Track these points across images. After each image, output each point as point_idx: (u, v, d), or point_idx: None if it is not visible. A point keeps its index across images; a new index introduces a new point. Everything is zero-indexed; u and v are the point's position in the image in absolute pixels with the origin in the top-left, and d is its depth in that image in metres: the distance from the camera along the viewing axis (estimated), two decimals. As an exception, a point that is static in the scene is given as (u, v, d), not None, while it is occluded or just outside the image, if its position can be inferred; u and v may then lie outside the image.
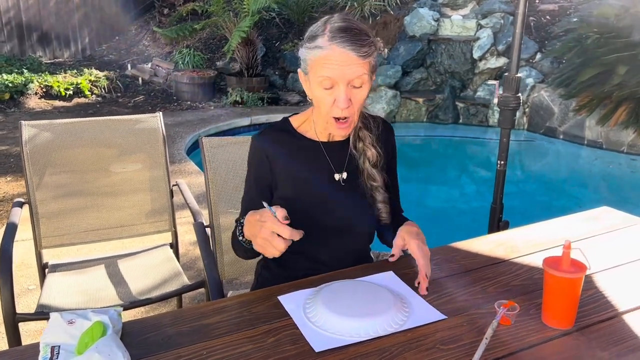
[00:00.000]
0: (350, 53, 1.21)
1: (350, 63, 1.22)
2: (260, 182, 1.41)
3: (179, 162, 4.84)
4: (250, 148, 1.43)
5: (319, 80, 1.25)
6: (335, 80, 1.23)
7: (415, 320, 1.14)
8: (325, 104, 1.27)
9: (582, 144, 6.02)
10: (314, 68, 1.26)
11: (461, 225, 4.28)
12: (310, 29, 1.30)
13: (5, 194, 4.09)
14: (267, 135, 1.41)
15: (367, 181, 1.40)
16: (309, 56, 1.27)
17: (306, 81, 1.32)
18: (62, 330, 1.02)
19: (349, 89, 1.25)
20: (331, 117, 1.29)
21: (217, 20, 7.54)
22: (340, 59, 1.21)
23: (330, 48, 1.22)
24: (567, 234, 1.60)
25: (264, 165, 1.39)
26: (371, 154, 1.40)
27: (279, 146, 1.39)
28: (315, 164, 1.40)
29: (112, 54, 9.22)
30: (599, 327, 1.12)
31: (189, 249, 3.11)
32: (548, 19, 7.25)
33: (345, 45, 1.21)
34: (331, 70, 1.22)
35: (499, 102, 2.51)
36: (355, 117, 1.31)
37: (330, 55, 1.22)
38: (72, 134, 2.13)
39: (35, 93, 6.92)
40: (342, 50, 1.21)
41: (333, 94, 1.25)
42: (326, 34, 1.23)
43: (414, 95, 6.93)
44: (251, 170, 1.43)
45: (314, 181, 1.39)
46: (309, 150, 1.40)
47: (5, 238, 1.81)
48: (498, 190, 2.58)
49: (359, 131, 1.41)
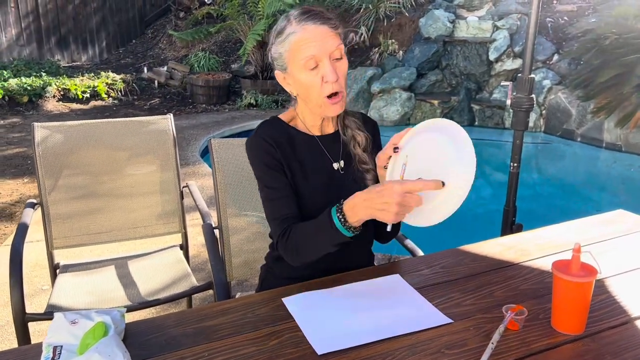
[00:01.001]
0: (323, 27, 1.26)
1: (326, 36, 1.26)
2: (277, 167, 1.34)
3: (193, 164, 4.86)
4: (252, 145, 1.37)
5: (303, 63, 1.27)
6: (319, 57, 1.26)
7: (421, 323, 1.12)
8: (315, 85, 1.28)
9: (601, 146, 5.91)
10: (293, 55, 1.28)
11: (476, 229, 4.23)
12: (274, 28, 1.34)
13: (22, 195, 4.15)
14: (264, 130, 1.38)
15: (358, 165, 1.41)
16: (283, 49, 1.30)
17: (286, 79, 1.35)
18: (65, 330, 1.02)
19: (332, 62, 1.27)
20: (323, 97, 1.29)
21: (232, 24, 7.58)
22: (315, 34, 1.25)
23: (303, 29, 1.26)
24: (580, 237, 1.57)
25: (272, 151, 1.33)
26: (360, 138, 1.42)
27: (279, 138, 1.37)
28: (314, 155, 1.40)
29: (128, 57, 9.32)
30: (611, 333, 1.09)
31: (200, 251, 3.11)
32: (566, 20, 7.15)
33: (315, 22, 1.26)
34: (311, 48, 1.25)
35: (512, 103, 2.48)
36: (344, 92, 1.32)
37: (305, 35, 1.26)
38: (84, 136, 2.14)
39: (53, 96, 7.02)
40: (315, 26, 1.26)
41: (319, 72, 1.27)
42: (292, 21, 1.28)
43: (429, 97, 6.88)
44: (262, 161, 1.34)
45: (316, 171, 1.39)
46: (306, 143, 1.40)
47: (17, 238, 1.83)
48: (511, 192, 2.54)
49: (344, 119, 1.43)
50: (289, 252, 1.30)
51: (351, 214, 1.16)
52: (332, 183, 1.40)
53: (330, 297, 1.20)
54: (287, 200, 1.33)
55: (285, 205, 1.33)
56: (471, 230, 4.20)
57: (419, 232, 1.52)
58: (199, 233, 3.18)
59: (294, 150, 1.38)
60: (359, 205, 1.14)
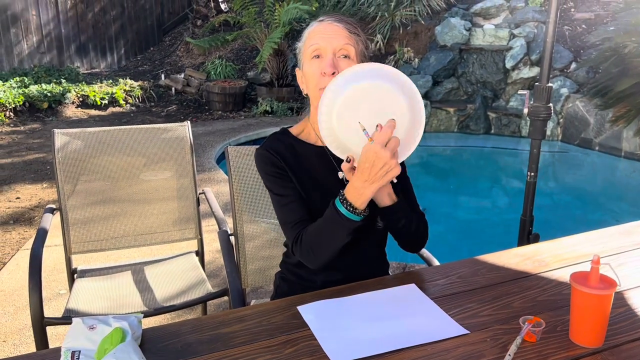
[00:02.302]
0: (338, 25, 1.31)
1: (337, 33, 1.30)
2: (284, 176, 1.35)
3: (209, 171, 4.90)
4: (259, 157, 1.38)
5: (309, 52, 1.32)
6: (324, 48, 1.29)
7: (437, 334, 1.11)
8: (314, 75, 1.31)
9: (619, 155, 5.84)
10: (305, 46, 1.34)
11: (493, 238, 4.19)
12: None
13: (41, 200, 4.21)
14: (272, 142, 1.40)
15: None
16: (300, 44, 1.36)
17: (302, 76, 1.39)
18: (83, 336, 1.03)
19: (335, 58, 1.29)
20: (319, 89, 1.30)
21: (249, 31, 7.64)
22: (327, 29, 1.31)
23: (319, 23, 1.33)
24: (598, 248, 1.55)
25: (278, 163, 1.36)
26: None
27: (285, 150, 1.39)
28: (321, 166, 1.40)
29: (146, 64, 9.44)
30: (630, 347, 1.07)
31: (215, 257, 3.13)
32: (584, 28, 7.10)
33: (332, 21, 1.32)
34: (319, 39, 1.30)
35: (529, 112, 2.46)
36: None
37: (319, 28, 1.32)
38: (102, 142, 2.17)
39: (72, 102, 7.12)
40: (329, 23, 1.31)
41: (320, 64, 1.30)
42: (315, 22, 1.35)
43: (444, 105, 6.86)
44: (269, 172, 1.37)
45: (322, 181, 1.39)
46: (312, 154, 1.40)
47: (36, 243, 1.86)
48: (528, 202, 2.52)
49: None
50: (304, 254, 1.31)
51: (355, 199, 1.21)
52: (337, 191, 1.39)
53: (346, 306, 1.20)
54: (296, 205, 1.34)
55: (295, 210, 1.34)
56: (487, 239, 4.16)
57: (435, 242, 1.51)
58: (214, 239, 3.20)
59: (298, 162, 1.38)
60: (360, 187, 1.19)
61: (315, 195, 1.37)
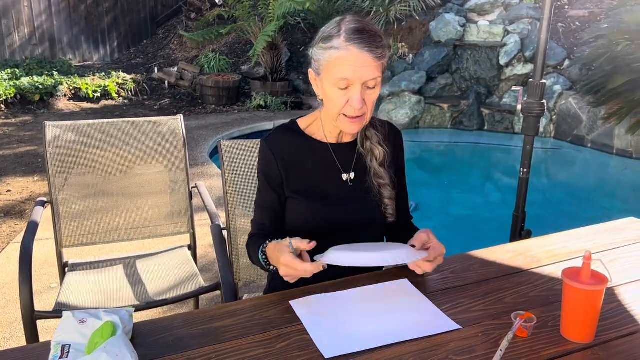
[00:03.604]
0: (367, 55, 1.23)
1: (367, 65, 1.23)
2: (272, 181, 1.41)
3: (202, 165, 4.88)
4: (260, 150, 1.44)
5: (335, 82, 1.26)
6: (352, 81, 1.25)
7: (429, 329, 1.11)
8: (339, 103, 1.28)
9: (611, 153, 5.87)
10: (329, 69, 1.27)
11: (485, 234, 4.21)
12: (323, 29, 1.31)
13: (32, 193, 4.18)
14: (276, 136, 1.43)
15: (374, 179, 1.41)
16: (323, 57, 1.28)
17: (317, 81, 1.34)
18: (74, 329, 1.03)
19: (363, 89, 1.26)
20: (342, 114, 1.30)
21: (243, 25, 7.61)
22: (356, 60, 1.23)
23: (347, 49, 1.23)
24: (589, 244, 1.55)
25: (273, 165, 1.39)
26: (378, 152, 1.41)
27: (288, 147, 1.40)
28: (324, 164, 1.40)
29: (139, 57, 9.37)
30: (620, 342, 1.08)
31: (208, 251, 3.12)
32: (577, 25, 7.11)
33: (362, 47, 1.22)
34: (348, 72, 1.24)
35: (522, 108, 2.46)
36: (368, 116, 1.32)
37: (347, 56, 1.23)
38: (94, 135, 2.16)
39: (64, 95, 7.07)
40: (359, 52, 1.22)
41: (347, 94, 1.27)
42: (342, 35, 1.24)
43: (438, 101, 6.87)
44: (261, 170, 1.43)
45: (322, 182, 1.40)
46: (317, 151, 1.41)
47: (26, 236, 1.84)
48: (521, 198, 2.52)
49: (366, 130, 1.42)
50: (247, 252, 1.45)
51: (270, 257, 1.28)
52: (338, 193, 1.40)
53: (338, 301, 1.20)
54: (268, 213, 1.43)
55: (265, 216, 1.44)
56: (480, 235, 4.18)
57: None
58: (207, 234, 3.18)
59: (302, 158, 1.39)
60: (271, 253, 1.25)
61: (315, 193, 1.37)
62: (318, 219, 1.38)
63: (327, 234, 1.34)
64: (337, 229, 1.38)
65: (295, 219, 1.41)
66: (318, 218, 1.38)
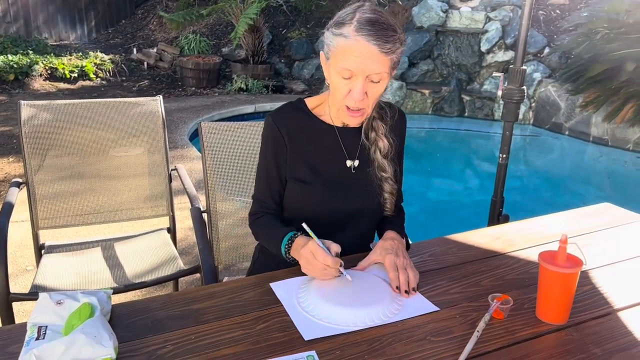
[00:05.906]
0: (374, 48, 1.19)
1: (372, 58, 1.20)
2: (278, 159, 1.38)
3: (182, 148, 4.83)
4: (265, 125, 1.40)
5: (339, 70, 1.24)
6: (355, 73, 1.22)
7: (408, 311, 1.13)
8: (341, 92, 1.27)
9: (588, 140, 5.97)
10: (336, 56, 1.25)
11: (463, 218, 4.26)
12: (339, 13, 1.27)
13: (7, 174, 4.09)
14: (283, 113, 1.40)
15: (377, 172, 1.39)
16: (333, 42, 1.25)
17: (326, 65, 1.31)
18: (50, 311, 1.01)
19: (366, 82, 1.24)
20: (344, 105, 1.28)
21: (224, 6, 7.49)
22: (363, 52, 1.20)
23: (355, 39, 1.20)
24: (566, 229, 1.58)
25: (280, 142, 1.37)
26: (383, 144, 1.39)
27: (295, 125, 1.38)
28: (329, 148, 1.39)
29: (117, 37, 9.19)
30: (594, 324, 1.11)
31: (187, 234, 3.10)
32: (558, 13, 7.17)
33: (369, 39, 1.19)
34: (352, 62, 1.21)
35: (503, 94, 2.48)
36: (368, 110, 1.30)
37: (354, 46, 1.20)
38: (71, 116, 2.11)
39: (40, 75, 6.91)
40: (366, 44, 1.19)
41: (350, 84, 1.25)
42: (353, 23, 1.21)
43: (420, 86, 6.88)
44: (268, 147, 1.40)
45: (327, 166, 1.38)
46: (323, 134, 1.39)
47: (1, 218, 1.81)
48: (499, 183, 2.55)
49: (373, 121, 1.39)
50: (253, 232, 1.47)
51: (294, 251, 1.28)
52: (341, 179, 1.38)
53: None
54: (270, 191, 1.42)
55: (267, 193, 1.42)
56: (458, 220, 4.23)
57: (408, 221, 1.52)
58: (186, 217, 3.17)
59: (308, 139, 1.37)
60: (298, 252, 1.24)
61: (313, 174, 1.36)
62: (319, 203, 1.36)
63: (327, 220, 1.35)
64: (337, 216, 1.38)
65: (295, 200, 1.39)
66: (319, 202, 1.36)
